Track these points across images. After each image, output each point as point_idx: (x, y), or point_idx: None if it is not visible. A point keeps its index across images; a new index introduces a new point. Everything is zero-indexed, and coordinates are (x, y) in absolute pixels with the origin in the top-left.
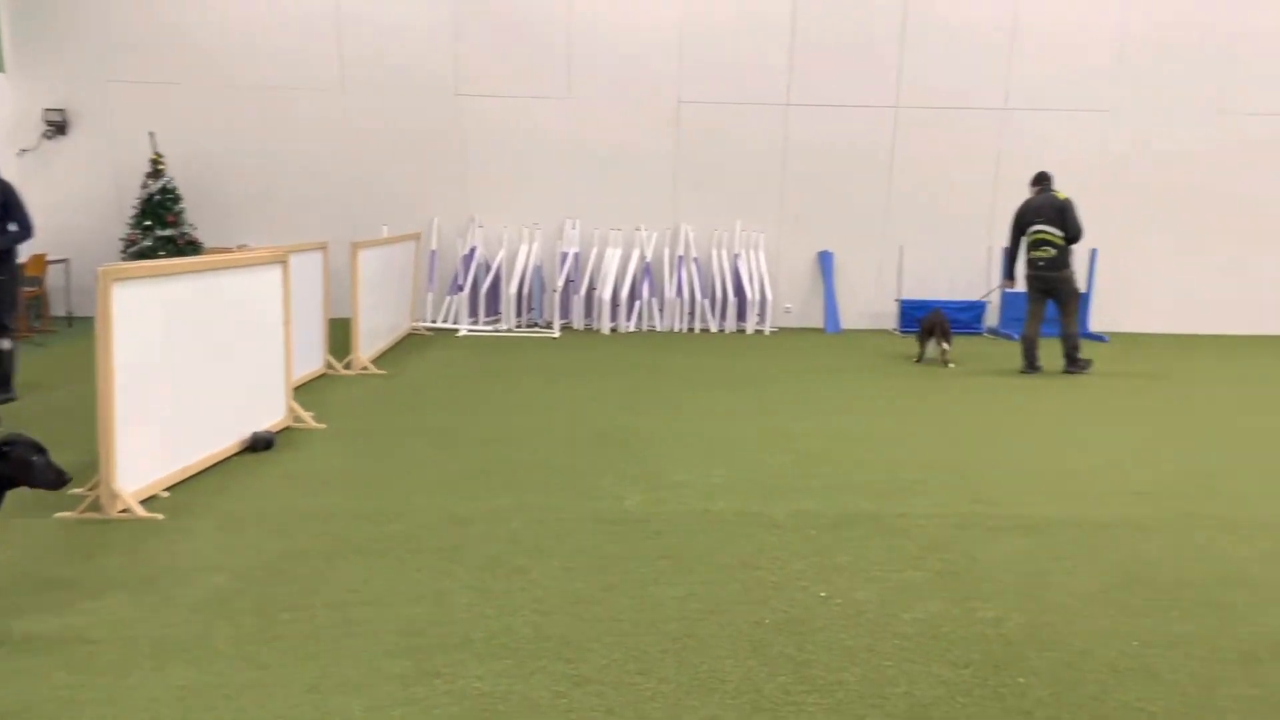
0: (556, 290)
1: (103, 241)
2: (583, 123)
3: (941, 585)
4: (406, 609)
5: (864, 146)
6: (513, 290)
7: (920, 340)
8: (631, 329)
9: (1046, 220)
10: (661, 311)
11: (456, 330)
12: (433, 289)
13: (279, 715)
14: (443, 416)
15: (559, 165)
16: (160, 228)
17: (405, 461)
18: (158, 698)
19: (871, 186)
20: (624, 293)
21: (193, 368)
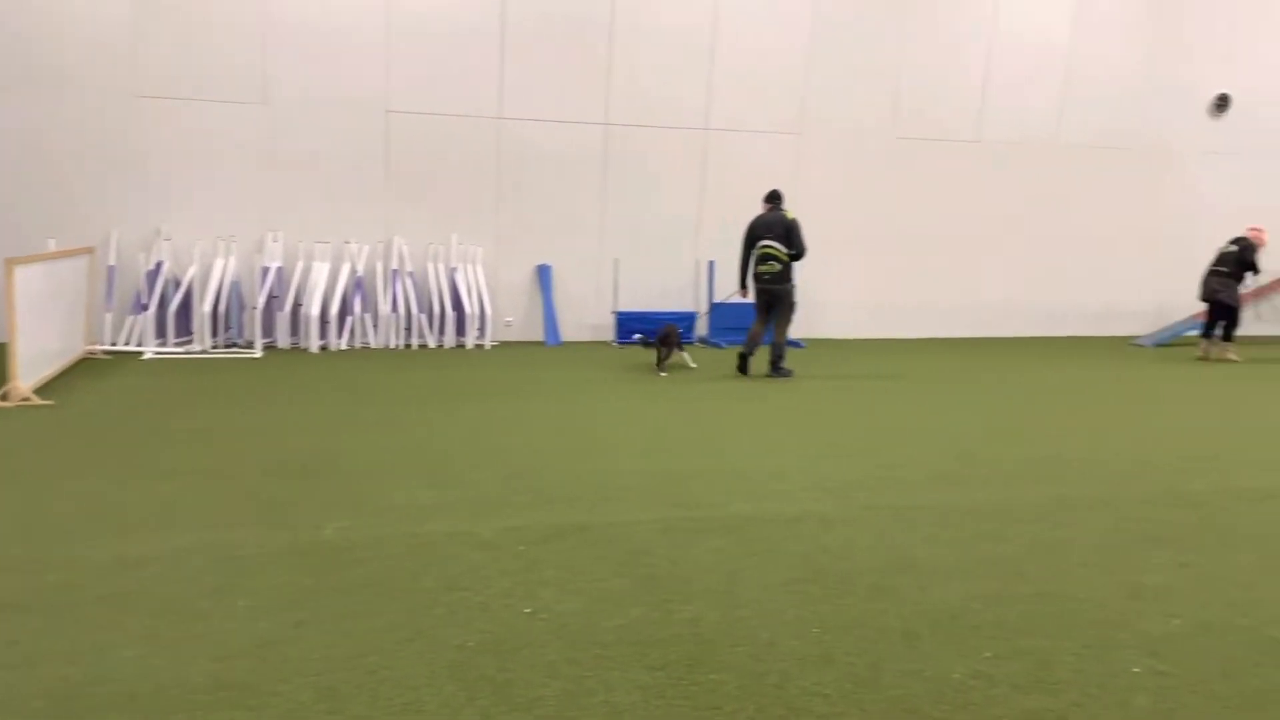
0: (257, 308)
1: None
2: (281, 130)
3: (644, 590)
4: (59, 669)
5: (578, 160)
6: (207, 308)
7: (658, 349)
8: (344, 346)
9: (775, 237)
10: (376, 328)
11: (141, 353)
12: (111, 308)
13: None
14: (118, 449)
15: (256, 175)
16: None
17: (71, 502)
18: None
19: (587, 200)
20: (334, 309)
21: None
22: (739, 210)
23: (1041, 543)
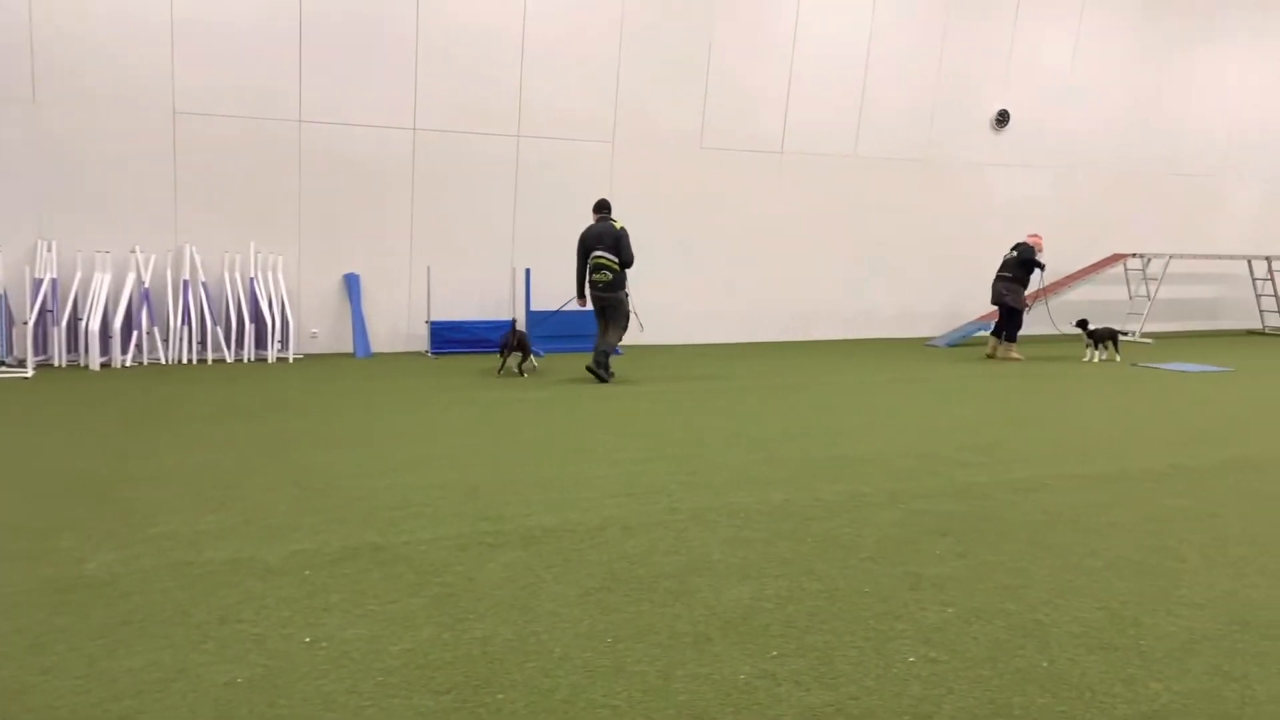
0: (28, 323)
1: None
2: (52, 130)
3: (436, 610)
4: None
5: (386, 166)
6: None
7: (502, 355)
8: (129, 363)
9: (605, 247)
10: (166, 341)
11: None
12: None
13: None
14: None
15: (22, 178)
16: None
17: None
18: None
19: (397, 207)
20: (117, 322)
21: None
22: (555, 218)
23: (833, 540)
